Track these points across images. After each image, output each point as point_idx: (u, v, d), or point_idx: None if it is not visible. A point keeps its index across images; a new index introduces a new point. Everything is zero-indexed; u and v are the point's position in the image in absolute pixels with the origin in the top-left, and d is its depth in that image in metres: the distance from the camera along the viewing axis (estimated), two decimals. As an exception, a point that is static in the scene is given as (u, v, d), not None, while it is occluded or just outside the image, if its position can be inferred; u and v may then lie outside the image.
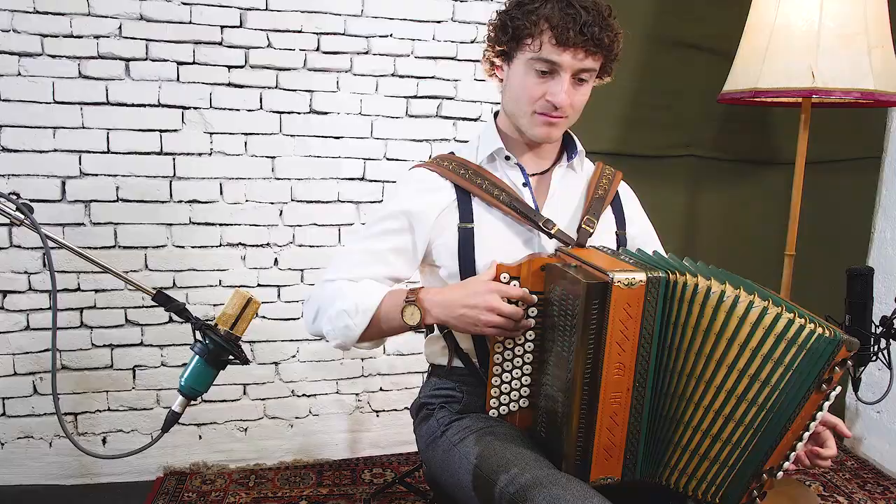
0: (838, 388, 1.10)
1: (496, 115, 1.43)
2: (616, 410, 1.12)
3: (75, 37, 2.06)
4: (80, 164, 2.12)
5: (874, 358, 1.56)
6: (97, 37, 2.07)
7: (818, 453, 1.17)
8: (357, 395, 2.47)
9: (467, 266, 1.30)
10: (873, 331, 1.58)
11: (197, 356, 1.09)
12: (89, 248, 2.16)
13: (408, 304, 1.22)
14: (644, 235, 1.49)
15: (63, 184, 2.12)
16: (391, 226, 1.33)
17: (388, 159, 2.34)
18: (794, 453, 1.13)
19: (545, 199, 1.38)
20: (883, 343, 1.56)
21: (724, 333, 1.08)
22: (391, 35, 2.27)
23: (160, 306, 1.10)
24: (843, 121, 2.46)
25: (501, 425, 1.27)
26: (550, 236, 1.31)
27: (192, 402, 1.15)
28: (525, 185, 1.36)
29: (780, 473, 1.14)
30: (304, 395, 2.42)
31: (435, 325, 1.39)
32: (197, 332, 1.09)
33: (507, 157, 1.37)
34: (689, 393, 1.12)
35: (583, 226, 1.33)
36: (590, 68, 1.25)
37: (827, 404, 1.10)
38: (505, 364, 1.25)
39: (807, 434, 1.11)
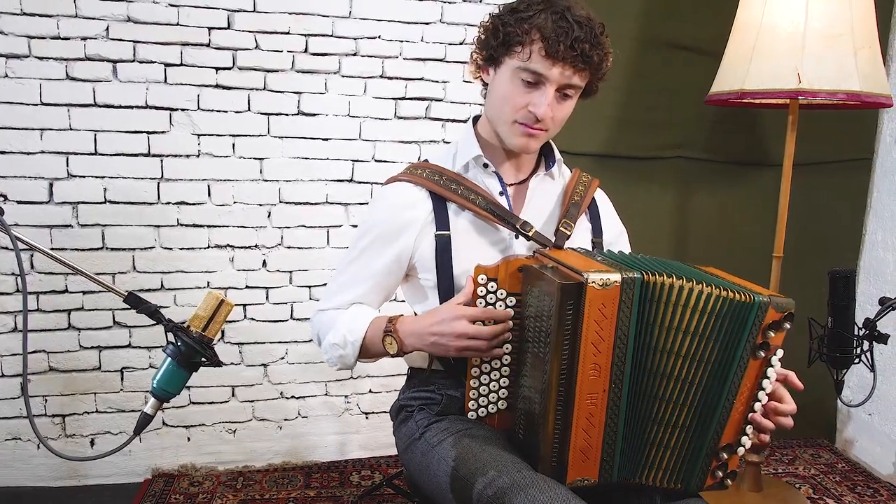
0: (780, 353, 1.10)
1: (476, 119, 1.41)
2: (592, 412, 1.12)
3: (62, 38, 2.06)
4: (67, 165, 2.12)
5: (857, 360, 1.56)
6: (84, 38, 2.08)
7: (775, 408, 1.14)
8: (346, 397, 2.46)
9: (445, 275, 1.30)
10: (856, 333, 1.57)
11: (169, 358, 1.09)
12: (77, 249, 2.17)
13: (386, 334, 1.26)
14: (618, 239, 1.48)
15: (50, 185, 2.12)
16: (374, 248, 1.34)
17: (376, 161, 2.34)
18: (750, 426, 1.13)
19: (522, 208, 1.37)
20: (866, 345, 1.55)
21: (689, 329, 1.09)
22: (379, 37, 2.27)
23: (132, 308, 1.09)
24: (834, 122, 2.45)
25: (480, 427, 1.27)
26: (528, 238, 1.31)
27: (166, 405, 1.14)
28: (502, 194, 1.35)
29: (742, 450, 1.14)
30: (293, 397, 2.42)
31: None
32: (169, 334, 1.09)
33: (486, 165, 1.35)
34: (665, 393, 1.12)
35: (560, 228, 1.34)
36: (575, 85, 1.24)
37: (771, 371, 1.10)
38: (483, 366, 1.24)
39: (759, 404, 1.12)
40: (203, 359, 1.09)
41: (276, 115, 2.24)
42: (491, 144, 1.37)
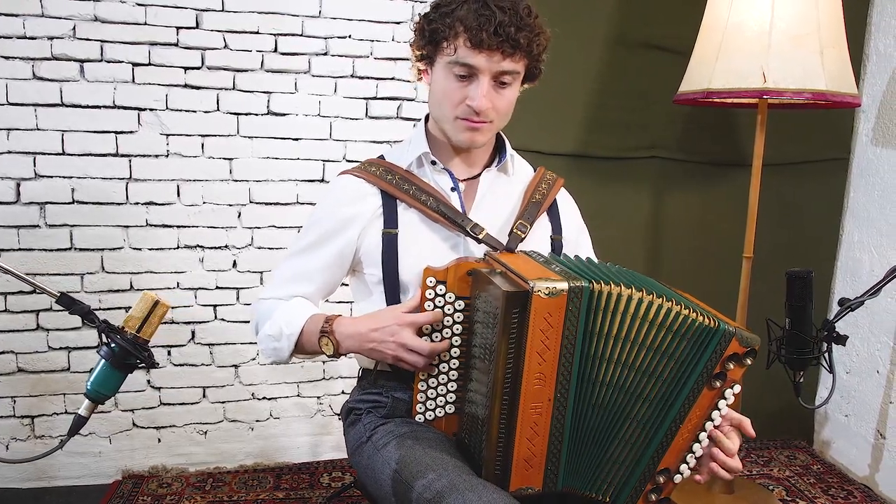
0: (737, 388, 1.08)
1: (427, 117, 1.40)
2: (537, 420, 1.10)
3: (29, 38, 2.05)
4: (34, 165, 2.11)
5: (815, 362, 1.54)
6: (51, 38, 2.06)
7: (714, 455, 1.11)
8: (318, 398, 2.45)
9: (391, 273, 1.29)
10: (814, 334, 1.55)
11: (102, 360, 1.08)
12: (45, 250, 2.16)
13: (322, 334, 1.24)
14: (578, 239, 1.46)
15: (18, 185, 2.11)
16: (318, 240, 1.34)
17: (347, 161, 2.32)
18: (691, 455, 1.11)
19: (472, 204, 1.36)
20: (825, 346, 1.54)
21: (638, 340, 1.08)
22: (350, 36, 2.26)
23: (65, 309, 1.08)
24: (810, 122, 2.44)
25: (426, 430, 1.25)
26: (479, 241, 1.29)
27: (99, 409, 1.13)
28: (454, 189, 1.35)
29: (679, 478, 1.13)
30: (264, 398, 2.40)
31: None
32: (102, 335, 1.08)
33: (434, 163, 1.35)
34: (613, 404, 1.11)
35: (514, 230, 1.32)
36: (510, 70, 1.23)
37: (724, 403, 1.09)
38: (431, 369, 1.23)
39: (704, 434, 1.10)
40: (137, 360, 1.08)
41: (246, 114, 2.23)
42: (440, 141, 1.36)
